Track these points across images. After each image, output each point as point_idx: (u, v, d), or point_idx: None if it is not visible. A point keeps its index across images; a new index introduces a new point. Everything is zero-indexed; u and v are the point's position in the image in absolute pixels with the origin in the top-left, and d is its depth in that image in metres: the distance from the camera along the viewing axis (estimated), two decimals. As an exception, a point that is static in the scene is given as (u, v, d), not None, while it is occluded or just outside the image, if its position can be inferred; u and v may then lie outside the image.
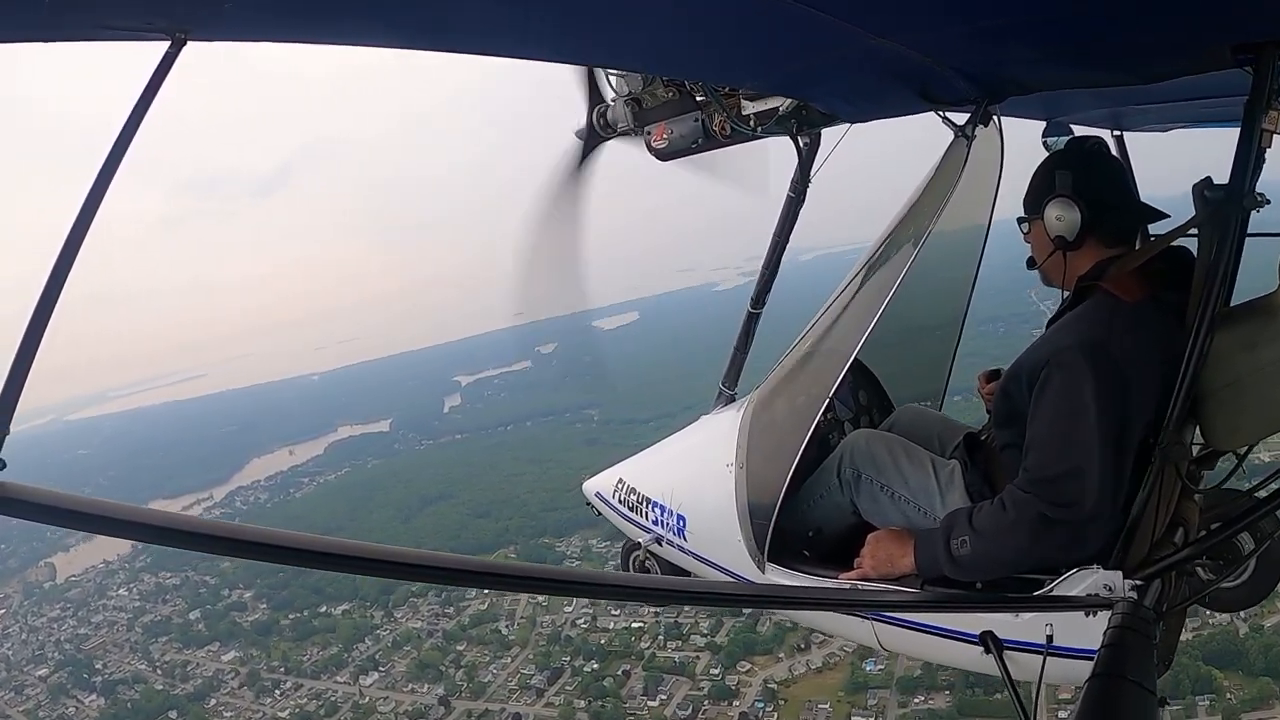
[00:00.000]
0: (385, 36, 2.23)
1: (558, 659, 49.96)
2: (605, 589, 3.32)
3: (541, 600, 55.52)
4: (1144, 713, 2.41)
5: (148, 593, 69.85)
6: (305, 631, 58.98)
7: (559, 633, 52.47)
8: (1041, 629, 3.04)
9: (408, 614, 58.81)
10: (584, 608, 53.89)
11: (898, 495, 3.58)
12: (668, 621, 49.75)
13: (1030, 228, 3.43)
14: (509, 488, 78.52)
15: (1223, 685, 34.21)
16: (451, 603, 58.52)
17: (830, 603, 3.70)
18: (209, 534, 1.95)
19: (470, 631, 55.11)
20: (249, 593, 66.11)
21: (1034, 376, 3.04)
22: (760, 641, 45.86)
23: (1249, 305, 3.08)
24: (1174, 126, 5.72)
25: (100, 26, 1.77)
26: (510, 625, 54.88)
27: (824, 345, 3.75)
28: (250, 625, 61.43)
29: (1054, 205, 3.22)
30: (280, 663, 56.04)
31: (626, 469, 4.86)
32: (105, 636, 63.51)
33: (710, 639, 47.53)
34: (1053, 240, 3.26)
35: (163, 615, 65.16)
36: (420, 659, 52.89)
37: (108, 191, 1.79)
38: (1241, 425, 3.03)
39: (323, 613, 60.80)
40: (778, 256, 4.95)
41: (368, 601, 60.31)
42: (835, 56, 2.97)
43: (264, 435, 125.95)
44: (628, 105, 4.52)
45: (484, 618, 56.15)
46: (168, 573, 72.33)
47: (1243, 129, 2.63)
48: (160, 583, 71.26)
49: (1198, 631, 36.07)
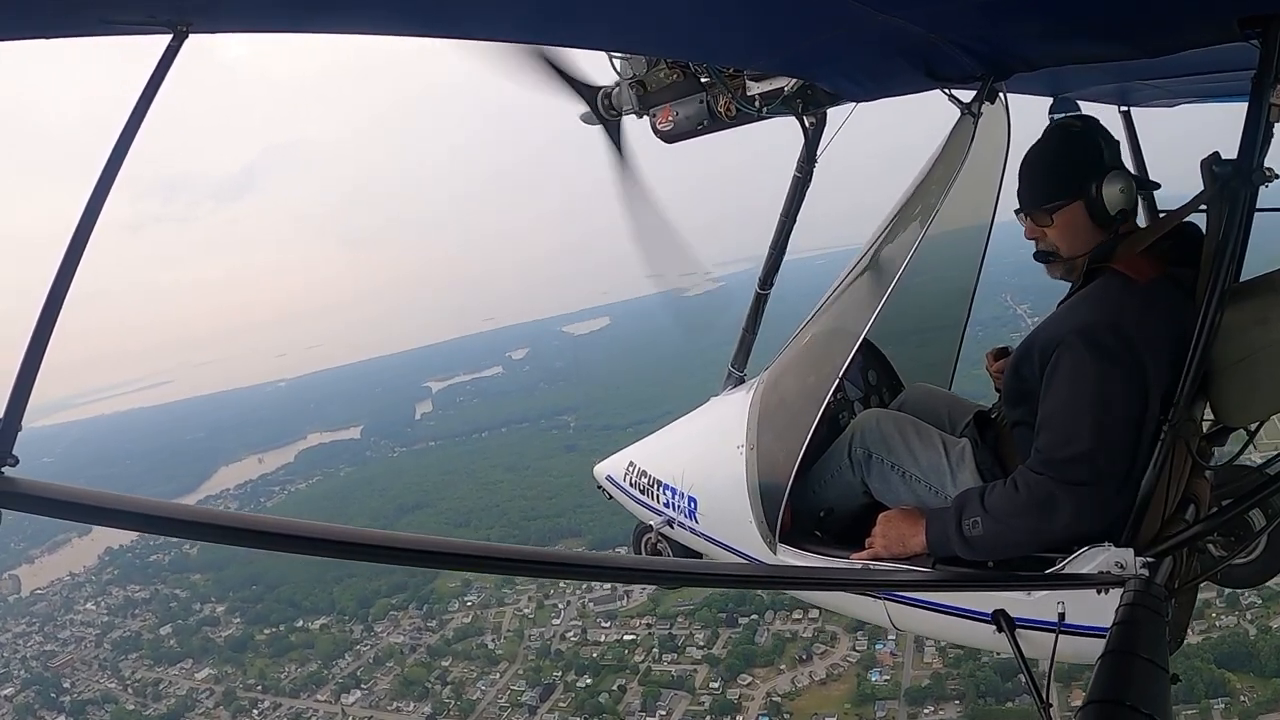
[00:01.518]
0: (388, 24, 2.32)
1: (549, 674, 49.72)
2: (618, 572, 3.40)
3: (528, 612, 55.75)
4: (1156, 689, 2.46)
5: (116, 606, 69.38)
6: (282, 647, 58.61)
7: (548, 646, 52.21)
8: (1054, 607, 3.12)
9: (388, 628, 58.46)
10: (573, 620, 53.83)
11: (909, 474, 3.68)
12: (662, 633, 49.63)
13: (1058, 217, 3.32)
14: (488, 496, 78.63)
15: (1236, 688, 34.65)
16: (434, 615, 58.40)
17: (842, 583, 3.80)
18: (221, 525, 2.05)
19: (455, 646, 54.78)
20: (221, 606, 65.77)
21: (1046, 356, 3.13)
22: (760, 653, 45.84)
23: (1259, 280, 3.18)
24: (1181, 101, 5.79)
25: (102, 21, 1.86)
26: (497, 639, 54.56)
27: (833, 325, 3.86)
28: (224, 641, 60.99)
29: (1114, 178, 3.22)
30: (257, 680, 55.63)
31: (637, 452, 4.96)
32: (73, 653, 62.84)
33: (707, 650, 47.44)
34: (1113, 217, 3.24)
35: (132, 630, 64.66)
36: (404, 676, 52.61)
37: (113, 186, 1.90)
38: (1253, 401, 3.14)
39: (299, 627, 60.42)
40: (785, 236, 5.07)
41: (346, 615, 60.02)
42: (840, 34, 3.06)
43: (232, 443, 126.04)
44: (632, 88, 4.61)
45: (468, 631, 55.86)
46: (136, 585, 72.04)
47: (1250, 103, 2.72)
48: (129, 596, 70.89)
49: (1206, 635, 36.64)
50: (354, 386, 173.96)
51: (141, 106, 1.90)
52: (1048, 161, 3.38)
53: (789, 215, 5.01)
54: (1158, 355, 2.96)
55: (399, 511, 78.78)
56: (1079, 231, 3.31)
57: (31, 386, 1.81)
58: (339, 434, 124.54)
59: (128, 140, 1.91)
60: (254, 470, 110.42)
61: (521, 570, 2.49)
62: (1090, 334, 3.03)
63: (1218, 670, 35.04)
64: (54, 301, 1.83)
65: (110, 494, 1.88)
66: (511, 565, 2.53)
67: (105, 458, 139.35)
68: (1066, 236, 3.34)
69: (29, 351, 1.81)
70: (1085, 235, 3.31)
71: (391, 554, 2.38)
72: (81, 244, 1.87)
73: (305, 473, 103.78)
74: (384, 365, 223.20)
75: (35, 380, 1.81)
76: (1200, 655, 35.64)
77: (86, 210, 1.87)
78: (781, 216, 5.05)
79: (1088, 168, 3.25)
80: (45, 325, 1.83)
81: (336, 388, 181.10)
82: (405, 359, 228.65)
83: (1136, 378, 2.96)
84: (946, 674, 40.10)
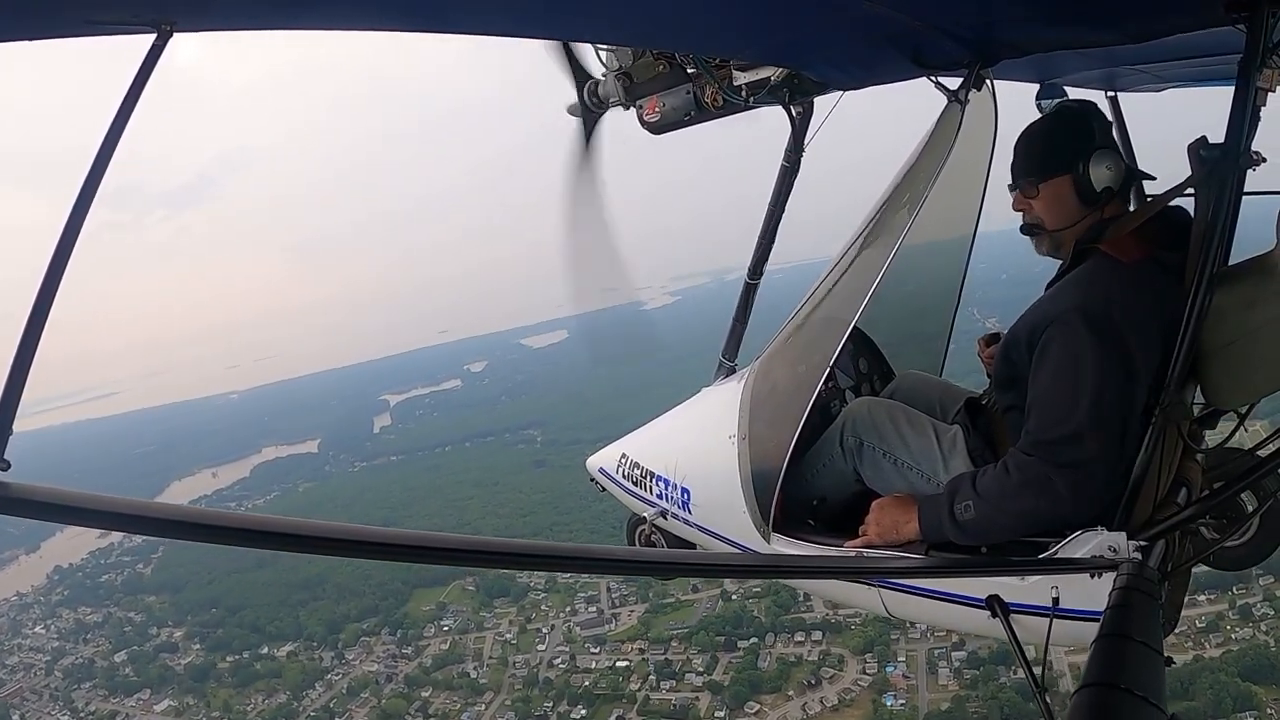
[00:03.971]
0: (372, 19, 2.47)
1: (539, 705, 49.24)
2: (613, 564, 3.53)
3: (510, 638, 55.46)
4: (1151, 672, 2.56)
5: (67, 630, 68.71)
6: (247, 677, 57.88)
7: (535, 674, 51.89)
8: (1047, 592, 3.30)
9: (360, 655, 57.97)
10: (559, 645, 53.51)
11: (901, 462, 3.88)
12: (657, 659, 49.38)
13: (1044, 190, 3.57)
14: (458, 513, 78.79)
15: (1263, 701, 35.23)
16: (408, 641, 58.04)
17: (836, 571, 4.01)
18: (219, 525, 2.13)
19: (435, 675, 54.36)
20: (179, 631, 65.28)
21: (1034, 339, 3.33)
22: (766, 678, 45.75)
23: (1248, 264, 3.38)
24: (1168, 86, 5.99)
25: (85, 22, 1.95)
26: (479, 667, 54.30)
27: (823, 314, 4.03)
28: (184, 669, 60.30)
29: (1101, 156, 3.46)
30: (222, 713, 54.95)
31: (629, 444, 5.14)
32: (22, 681, 62.27)
33: (708, 676, 47.22)
34: (1099, 194, 3.47)
35: (85, 657, 63.89)
36: (382, 708, 52.00)
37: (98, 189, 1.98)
38: (1243, 383, 3.37)
39: (265, 655, 59.87)
40: (774, 226, 5.30)
41: (314, 641, 59.58)
42: (826, 22, 3.28)
43: (183, 457, 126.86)
44: (619, 79, 4.80)
45: (447, 658, 55.53)
46: (88, 607, 71.49)
47: (1237, 87, 2.89)
48: (80, 619, 70.27)
49: (1226, 648, 37.75)
50: (308, 399, 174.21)
51: (127, 106, 1.98)
52: (1041, 136, 3.62)
53: (777, 205, 5.23)
54: (1145, 336, 3.16)
55: (367, 529, 78.17)
56: (1064, 205, 3.55)
57: (21, 393, 1.89)
58: (295, 447, 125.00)
59: (114, 140, 1.99)
60: (208, 485, 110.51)
61: (516, 564, 2.63)
62: (1078, 316, 3.21)
63: (1243, 684, 35.60)
64: (42, 304, 1.91)
65: (108, 496, 1.95)
66: (504, 559, 2.71)
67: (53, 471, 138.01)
68: (1052, 209, 3.58)
69: (17, 356, 1.89)
70: (1070, 210, 3.55)
71: (385, 550, 2.55)
72: (68, 248, 1.94)
73: (262, 488, 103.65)
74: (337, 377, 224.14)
75: (25, 385, 1.89)
76: (1224, 669, 36.48)
77: (73, 214, 1.96)
78: (770, 206, 5.26)
79: (1078, 145, 3.49)
80: (34, 329, 1.90)
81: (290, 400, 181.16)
82: (359, 371, 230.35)
83: (1125, 359, 3.14)
84: (966, 696, 40.20)
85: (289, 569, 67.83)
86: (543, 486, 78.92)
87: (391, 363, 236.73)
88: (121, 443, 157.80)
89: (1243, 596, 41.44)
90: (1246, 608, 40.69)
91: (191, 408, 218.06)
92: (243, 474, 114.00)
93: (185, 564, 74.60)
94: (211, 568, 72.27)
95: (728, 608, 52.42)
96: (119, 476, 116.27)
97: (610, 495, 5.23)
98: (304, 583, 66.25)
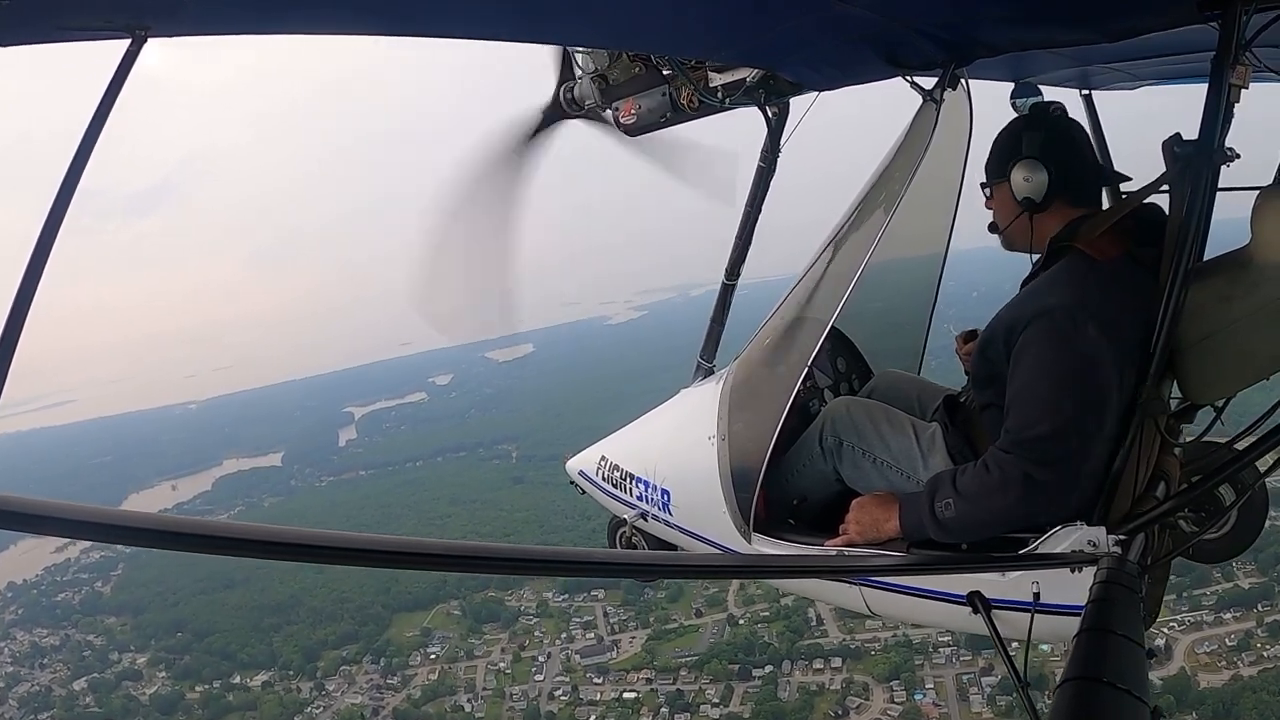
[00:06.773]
0: (346, 23, 2.62)
1: (544, 741, 47.81)
2: (594, 566, 3.65)
3: (503, 666, 54.34)
4: (1133, 665, 2.64)
5: (22, 655, 66.57)
6: (219, 709, 55.91)
7: (536, 708, 50.62)
8: (1028, 587, 3.48)
9: (342, 685, 56.40)
10: (557, 675, 52.43)
11: (880, 460, 4.09)
12: (667, 689, 48.51)
13: (994, 192, 3.93)
14: (436, 531, 76.76)
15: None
16: (393, 670, 56.87)
17: (817, 570, 4.20)
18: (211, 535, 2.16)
19: (425, 708, 53.01)
20: (143, 657, 63.69)
21: (1011, 337, 3.52)
22: (790, 710, 45.00)
23: (1223, 259, 3.56)
24: (1142, 84, 6.21)
25: (58, 28, 2.02)
26: (473, 699, 53.10)
27: (800, 314, 4.21)
28: (149, 700, 58.12)
29: (1021, 167, 3.72)
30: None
31: (608, 446, 5.36)
32: (-27, 713, 59.83)
33: (725, 709, 46.37)
34: (1019, 203, 3.77)
35: (42, 685, 61.61)
36: (373, 745, 50.25)
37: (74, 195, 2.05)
38: (1218, 378, 3.55)
39: (237, 684, 58.23)
40: (750, 227, 5.53)
41: (290, 670, 58.16)
42: (800, 23, 3.46)
43: (141, 468, 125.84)
44: (594, 82, 5.00)
45: (437, 690, 54.36)
46: (44, 629, 69.95)
47: (1210, 84, 3.02)
48: (36, 642, 68.04)
49: (1264, 668, 38.34)
50: (269, 410, 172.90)
51: (102, 112, 2.06)
52: (995, 141, 3.94)
53: (754, 205, 5.46)
54: (1121, 333, 3.33)
55: (340, 547, 77.61)
56: (1007, 208, 3.88)
57: None
58: (259, 460, 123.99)
59: (89, 146, 2.06)
60: (168, 498, 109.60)
61: (493, 568, 2.74)
62: (1054, 313, 3.40)
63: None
64: (17, 315, 1.97)
65: (99, 508, 1.96)
66: (482, 564, 2.73)
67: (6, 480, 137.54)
68: (1000, 211, 3.95)
69: None
70: (1011, 212, 3.86)
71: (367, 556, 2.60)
72: (43, 257, 2.01)
73: (226, 502, 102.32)
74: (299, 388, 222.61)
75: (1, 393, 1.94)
76: (1266, 688, 36.94)
77: (48, 222, 2.03)
78: (746, 207, 5.49)
79: (1009, 153, 3.81)
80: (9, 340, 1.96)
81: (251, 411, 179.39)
82: (320, 382, 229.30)
83: (1101, 355, 3.31)
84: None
85: (259, 590, 67.16)
86: (525, 504, 78.61)
87: (352, 374, 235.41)
88: (76, 452, 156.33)
89: (1269, 614, 41.67)
90: (1276, 625, 40.99)
91: (148, 417, 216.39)
92: (204, 487, 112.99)
93: (147, 583, 73.76)
94: (176, 588, 71.26)
95: (736, 633, 51.77)
96: (74, 487, 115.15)
97: (595, 505, 5.43)
98: (276, 605, 65.29)
